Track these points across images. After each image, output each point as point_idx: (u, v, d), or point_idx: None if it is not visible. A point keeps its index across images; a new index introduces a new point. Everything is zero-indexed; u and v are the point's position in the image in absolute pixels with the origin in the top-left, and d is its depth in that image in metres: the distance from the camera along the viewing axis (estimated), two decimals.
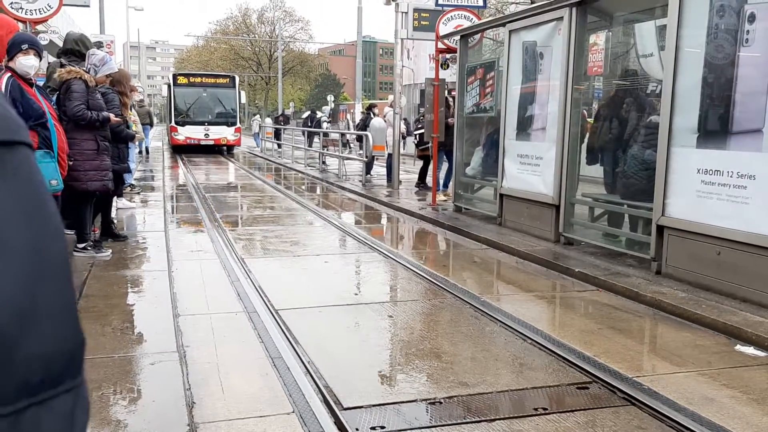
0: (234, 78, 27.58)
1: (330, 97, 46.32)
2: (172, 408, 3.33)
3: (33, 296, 0.27)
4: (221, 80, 27.33)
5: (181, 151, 25.51)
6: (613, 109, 7.49)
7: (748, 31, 5.17)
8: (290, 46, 62.76)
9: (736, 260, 5.31)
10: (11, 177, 0.28)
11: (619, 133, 7.34)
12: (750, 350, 4.43)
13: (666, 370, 4.13)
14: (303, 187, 15.79)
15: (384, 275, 6.96)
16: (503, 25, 8.98)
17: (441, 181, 12.18)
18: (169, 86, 26.50)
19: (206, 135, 25.26)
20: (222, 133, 25.52)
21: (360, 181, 14.70)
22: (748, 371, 4.12)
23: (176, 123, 25.49)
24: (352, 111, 34.33)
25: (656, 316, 5.24)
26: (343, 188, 14.28)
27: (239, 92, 27.13)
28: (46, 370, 0.28)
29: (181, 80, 26.62)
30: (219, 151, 26.57)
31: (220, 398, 3.50)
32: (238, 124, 26.48)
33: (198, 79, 27.03)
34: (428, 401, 3.57)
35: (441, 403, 3.56)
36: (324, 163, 19.62)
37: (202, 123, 25.44)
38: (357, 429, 3.23)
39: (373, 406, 3.49)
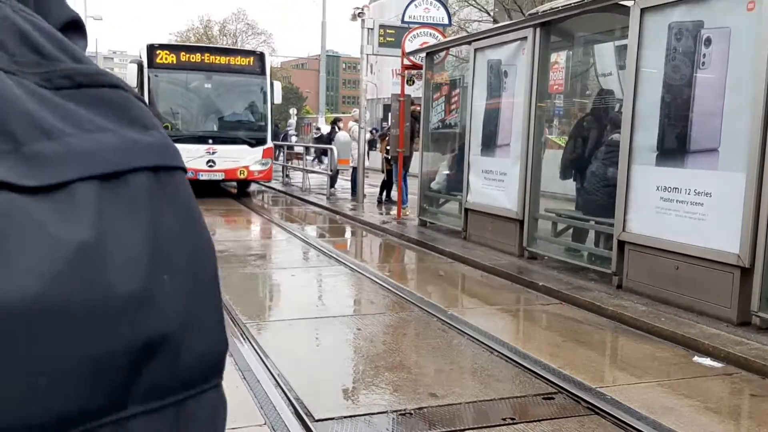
0: (262, 56, 14.95)
1: (293, 110, 46.26)
2: None
3: (194, 306, 0.33)
4: (239, 60, 14.68)
5: None
6: (575, 127, 7.69)
7: (704, 54, 5.38)
8: None
9: (693, 275, 5.49)
10: (173, 199, 0.33)
11: (580, 151, 7.52)
12: (707, 361, 4.58)
13: (627, 381, 4.25)
14: (266, 200, 15.72)
15: (351, 289, 7.00)
16: (469, 43, 9.16)
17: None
18: (140, 68, 13.90)
19: (211, 163, 13.87)
20: (240, 160, 14.06)
21: (324, 194, 14.73)
22: (705, 381, 4.27)
23: None
24: (315, 124, 34.24)
25: (617, 329, 5.38)
26: (308, 202, 14.27)
27: (272, 83, 14.87)
28: (201, 367, 0.34)
29: (165, 58, 14.04)
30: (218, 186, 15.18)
31: None
32: (269, 143, 14.83)
33: (196, 57, 14.36)
34: (399, 412, 3.62)
35: (411, 414, 3.61)
36: (287, 176, 19.55)
37: (202, 140, 13.88)
38: None
39: (345, 417, 3.52)
